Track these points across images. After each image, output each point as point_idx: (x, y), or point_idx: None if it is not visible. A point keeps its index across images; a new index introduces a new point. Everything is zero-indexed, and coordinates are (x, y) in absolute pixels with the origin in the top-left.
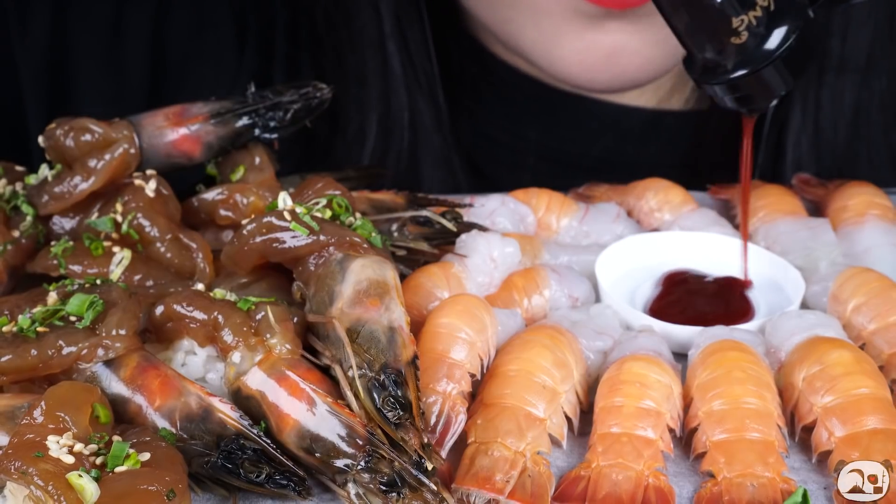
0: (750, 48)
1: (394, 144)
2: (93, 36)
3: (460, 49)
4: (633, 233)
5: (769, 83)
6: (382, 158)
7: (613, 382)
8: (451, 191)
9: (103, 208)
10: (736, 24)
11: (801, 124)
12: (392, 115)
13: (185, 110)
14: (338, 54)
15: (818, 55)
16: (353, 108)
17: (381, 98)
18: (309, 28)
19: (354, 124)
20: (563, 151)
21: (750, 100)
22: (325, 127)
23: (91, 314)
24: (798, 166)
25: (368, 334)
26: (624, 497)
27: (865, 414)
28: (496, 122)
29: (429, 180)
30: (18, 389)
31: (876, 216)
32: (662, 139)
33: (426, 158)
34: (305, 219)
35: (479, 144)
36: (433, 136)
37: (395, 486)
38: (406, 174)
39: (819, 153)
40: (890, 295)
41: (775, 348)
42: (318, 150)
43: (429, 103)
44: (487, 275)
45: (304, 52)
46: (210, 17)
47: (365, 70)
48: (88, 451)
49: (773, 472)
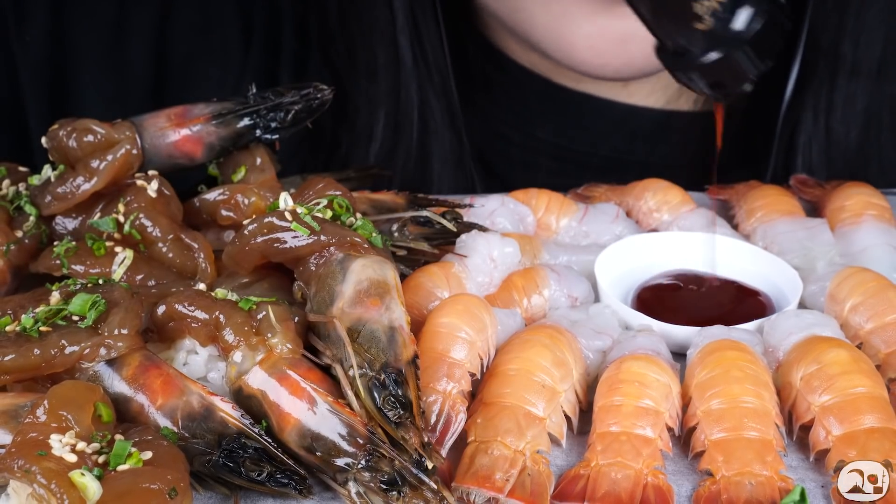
0: (716, 33)
1: (403, 140)
2: (95, 35)
3: (474, 47)
4: (632, 233)
5: (740, 67)
6: (391, 155)
7: (612, 382)
8: (462, 189)
9: (106, 209)
10: (698, 8)
11: (812, 128)
12: (401, 111)
13: (187, 111)
14: (349, 49)
15: (831, 59)
16: (362, 103)
17: (390, 93)
18: (320, 23)
19: (363, 119)
20: (573, 151)
21: (721, 85)
22: (334, 123)
23: (93, 314)
24: (809, 170)
25: (369, 334)
26: (623, 495)
27: (863, 413)
28: (508, 121)
29: (438, 178)
30: (21, 388)
31: (873, 216)
32: (672, 140)
33: (436, 155)
34: (306, 219)
35: (491, 143)
36: (444, 133)
37: (396, 485)
38: (415, 171)
39: (830, 157)
40: (887, 294)
41: (773, 347)
42: (325, 146)
43: (440, 99)
44: (487, 275)
45: (312, 50)
46: (216, 14)
47: (376, 64)
48: (91, 450)
49: (771, 470)
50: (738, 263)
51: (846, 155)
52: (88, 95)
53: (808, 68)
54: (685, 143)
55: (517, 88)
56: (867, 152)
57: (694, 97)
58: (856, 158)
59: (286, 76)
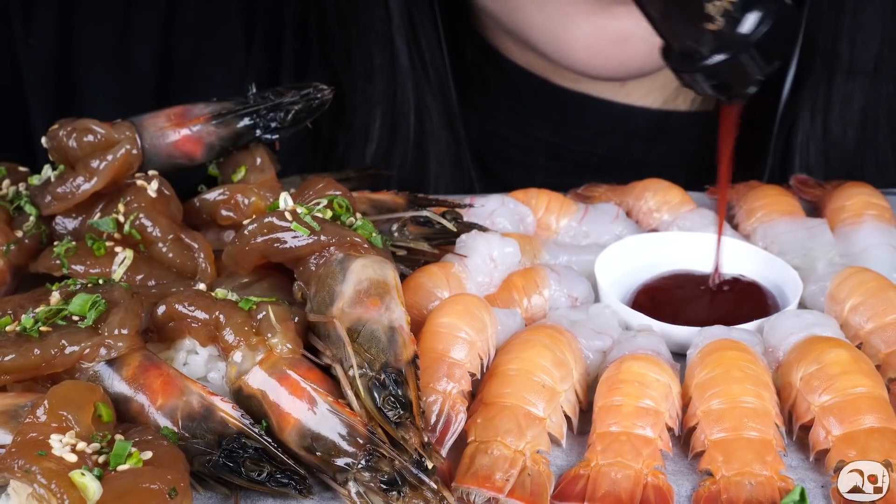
0: (725, 34)
1: (399, 140)
2: (100, 36)
3: (471, 48)
4: (633, 233)
5: (746, 69)
6: (388, 155)
7: (612, 382)
8: (460, 189)
9: (105, 209)
10: (710, 9)
11: (809, 127)
12: (398, 111)
13: (187, 111)
14: (347, 49)
15: (827, 58)
16: (359, 103)
17: (386, 93)
18: (319, 24)
19: (360, 119)
20: (570, 150)
21: (727, 87)
22: (332, 123)
23: (93, 314)
24: (807, 169)
25: (369, 334)
26: (623, 495)
27: (862, 413)
28: (506, 121)
29: (436, 177)
30: (21, 388)
31: (873, 216)
32: (669, 139)
33: (433, 155)
34: (306, 219)
35: (489, 143)
36: (441, 133)
37: (396, 485)
38: (412, 171)
39: (827, 156)
40: (887, 294)
41: (773, 347)
42: (323, 146)
43: (437, 99)
44: (487, 275)
45: (313, 51)
46: (218, 16)
47: (372, 65)
48: (91, 450)
49: (771, 470)
50: (738, 263)
51: (843, 154)
52: (93, 96)
53: (805, 67)
54: (683, 143)
55: (515, 88)
56: (864, 152)
57: (692, 97)
58: (853, 158)
59: (287, 76)
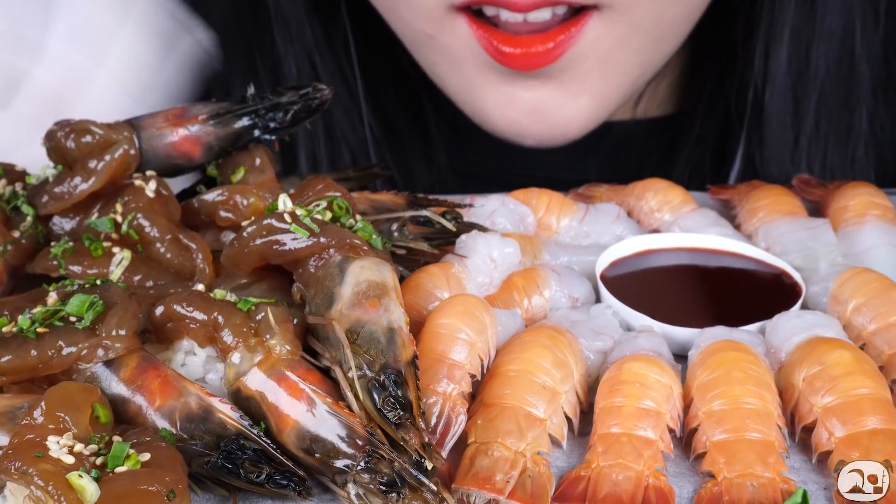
0: None
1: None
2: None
3: (413, 71)
4: (634, 233)
5: None
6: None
7: (613, 383)
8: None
9: (103, 209)
10: None
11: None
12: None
13: (185, 111)
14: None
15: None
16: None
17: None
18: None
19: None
20: (505, 172)
21: None
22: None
23: (91, 315)
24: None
25: (368, 335)
26: (624, 497)
27: (865, 414)
28: (444, 148)
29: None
30: (18, 390)
31: (876, 216)
32: (604, 151)
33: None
34: (305, 221)
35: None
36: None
37: (395, 487)
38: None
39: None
40: (890, 295)
41: (775, 348)
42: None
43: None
44: (487, 275)
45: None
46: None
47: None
48: (88, 452)
49: (773, 472)
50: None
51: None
52: None
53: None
54: (618, 153)
55: (448, 113)
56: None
57: (630, 106)
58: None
59: None
